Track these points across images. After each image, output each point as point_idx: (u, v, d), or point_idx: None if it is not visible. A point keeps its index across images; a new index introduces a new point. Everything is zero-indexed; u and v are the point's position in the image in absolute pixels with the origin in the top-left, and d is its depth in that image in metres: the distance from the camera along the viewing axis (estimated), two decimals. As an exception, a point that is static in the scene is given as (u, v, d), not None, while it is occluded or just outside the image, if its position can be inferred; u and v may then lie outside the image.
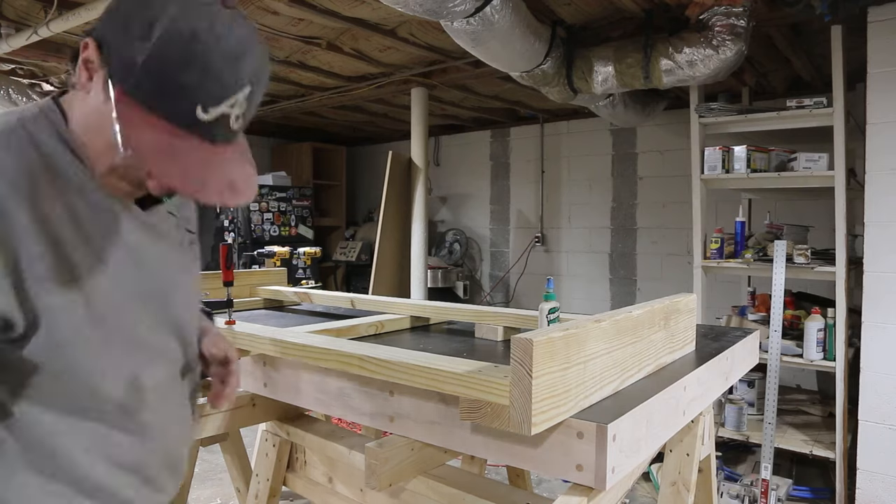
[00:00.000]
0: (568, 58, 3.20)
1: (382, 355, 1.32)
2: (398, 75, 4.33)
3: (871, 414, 2.83)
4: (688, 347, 1.61)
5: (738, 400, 3.31)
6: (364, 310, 2.33)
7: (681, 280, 4.97)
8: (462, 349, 1.73)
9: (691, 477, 1.62)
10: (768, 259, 3.11)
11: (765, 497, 2.91)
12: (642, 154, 5.33)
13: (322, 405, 1.57)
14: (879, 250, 2.79)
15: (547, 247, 5.91)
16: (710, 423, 1.78)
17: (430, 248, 5.96)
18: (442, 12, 2.38)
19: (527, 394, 1.01)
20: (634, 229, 5.39)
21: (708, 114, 3.35)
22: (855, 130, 3.21)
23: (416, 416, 1.35)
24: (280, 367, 1.66)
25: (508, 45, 2.74)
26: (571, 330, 1.10)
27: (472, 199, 6.50)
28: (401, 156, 4.95)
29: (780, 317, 3.02)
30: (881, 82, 2.75)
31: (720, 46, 2.77)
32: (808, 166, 3.06)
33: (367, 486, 1.38)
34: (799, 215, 4.10)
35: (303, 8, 3.07)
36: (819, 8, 2.63)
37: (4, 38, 3.25)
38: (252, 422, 1.88)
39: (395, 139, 6.98)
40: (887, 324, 2.78)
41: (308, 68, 4.20)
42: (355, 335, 1.85)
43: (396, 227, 5.01)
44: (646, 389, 1.27)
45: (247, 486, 2.29)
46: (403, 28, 3.46)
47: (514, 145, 6.17)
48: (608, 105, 3.93)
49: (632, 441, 1.14)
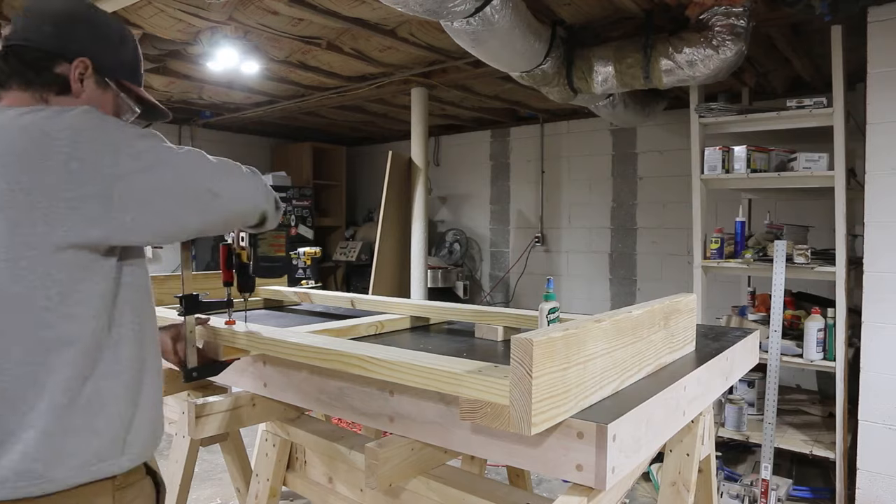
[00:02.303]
0: (568, 58, 3.20)
1: (382, 355, 1.32)
2: (398, 75, 4.33)
3: (871, 414, 2.83)
4: (688, 347, 1.61)
5: (738, 400, 3.31)
6: (364, 310, 2.33)
7: (681, 280, 4.98)
8: (462, 349, 1.73)
9: (691, 477, 1.62)
10: (768, 259, 3.11)
11: (765, 497, 2.91)
12: (642, 154, 5.33)
13: (322, 405, 1.57)
14: (879, 250, 2.79)
15: (547, 247, 5.91)
16: (710, 423, 1.78)
17: (430, 248, 5.96)
18: (442, 12, 2.38)
19: (527, 394, 1.01)
20: (634, 229, 5.39)
21: (708, 114, 3.35)
22: (855, 130, 3.21)
23: (416, 416, 1.35)
24: (280, 367, 1.66)
25: (508, 45, 2.74)
26: (571, 330, 1.10)
27: (472, 199, 6.50)
28: (401, 156, 4.95)
29: (780, 317, 3.02)
30: (881, 82, 2.75)
31: (720, 46, 2.77)
32: (808, 166, 3.06)
33: (367, 486, 1.38)
34: (799, 215, 4.10)
35: (303, 8, 3.07)
36: (819, 8, 2.63)
37: (4, 38, 3.25)
38: (252, 422, 1.88)
39: (395, 139, 6.98)
40: (887, 324, 2.78)
41: (308, 68, 4.20)
42: (355, 335, 1.85)
43: (396, 227, 5.01)
44: (646, 389, 1.27)
45: (247, 486, 2.29)
46: (403, 28, 3.46)
47: (514, 145, 6.17)
48: (608, 105, 3.93)
49: (632, 441, 1.14)
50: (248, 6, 3.11)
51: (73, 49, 1.12)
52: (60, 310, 0.98)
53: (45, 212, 0.95)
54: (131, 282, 1.09)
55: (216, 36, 3.42)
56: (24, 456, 0.95)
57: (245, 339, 1.61)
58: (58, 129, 0.98)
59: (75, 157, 0.96)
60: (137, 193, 1.01)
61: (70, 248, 0.97)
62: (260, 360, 1.72)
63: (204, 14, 3.16)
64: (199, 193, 1.10)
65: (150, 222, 1.04)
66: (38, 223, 0.95)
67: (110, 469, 1.03)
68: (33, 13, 1.14)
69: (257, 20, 3.29)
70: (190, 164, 1.10)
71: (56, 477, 0.97)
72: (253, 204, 1.25)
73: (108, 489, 1.04)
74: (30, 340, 0.97)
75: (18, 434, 0.95)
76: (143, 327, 1.12)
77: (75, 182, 0.96)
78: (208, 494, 3.22)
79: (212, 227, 1.17)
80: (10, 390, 0.96)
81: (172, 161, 1.07)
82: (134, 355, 1.08)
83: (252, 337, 1.60)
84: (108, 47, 1.18)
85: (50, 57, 1.10)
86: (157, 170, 1.04)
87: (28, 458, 0.95)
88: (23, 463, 0.95)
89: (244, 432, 2.45)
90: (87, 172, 0.97)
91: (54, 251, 0.96)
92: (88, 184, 0.97)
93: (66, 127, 0.99)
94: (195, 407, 1.71)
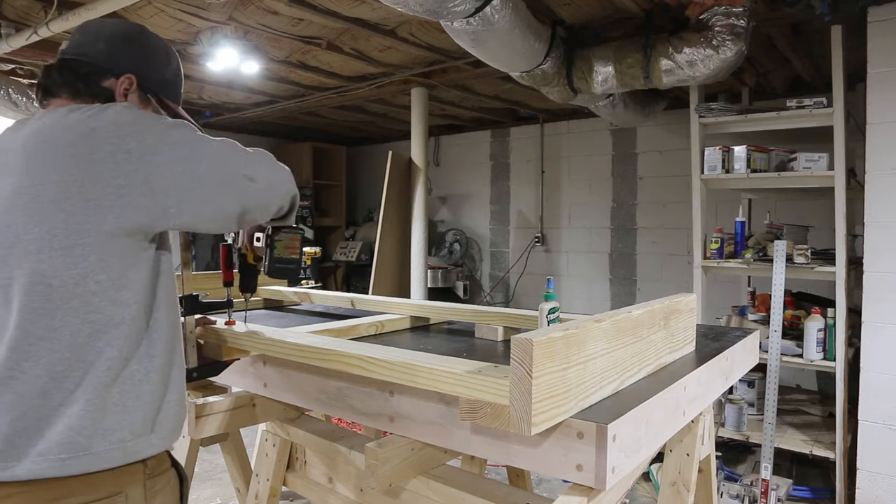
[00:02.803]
0: (568, 58, 3.20)
1: (382, 355, 1.32)
2: (398, 75, 4.33)
3: (871, 414, 2.83)
4: (688, 347, 1.61)
5: (738, 400, 3.31)
6: (364, 310, 2.33)
7: (681, 280, 4.98)
8: (462, 349, 1.73)
9: (691, 477, 1.62)
10: (768, 259, 3.11)
11: (765, 497, 2.91)
12: (642, 154, 5.33)
13: (322, 405, 1.57)
14: (879, 250, 2.79)
15: (547, 247, 5.91)
16: (710, 423, 1.78)
17: (430, 248, 5.96)
18: (442, 12, 2.38)
19: (527, 394, 1.01)
20: (634, 229, 5.39)
21: (708, 114, 3.35)
22: (855, 130, 3.21)
23: (416, 416, 1.35)
24: (280, 367, 1.66)
25: (508, 45, 2.74)
26: (571, 330, 1.10)
27: (472, 199, 6.50)
28: (401, 156, 4.95)
29: (780, 317, 3.02)
30: (881, 82, 2.75)
31: (720, 46, 2.77)
32: (808, 166, 3.06)
33: (367, 486, 1.38)
34: (799, 215, 4.10)
35: (303, 8, 3.07)
36: (819, 8, 2.62)
37: (4, 38, 3.25)
38: (252, 422, 1.88)
39: (395, 139, 6.98)
40: (887, 324, 2.78)
41: (308, 68, 4.20)
42: (355, 335, 1.85)
43: (396, 227, 5.01)
44: (646, 389, 1.27)
45: (247, 486, 2.29)
46: (403, 28, 3.46)
47: (514, 145, 6.17)
48: (608, 105, 3.93)
49: (632, 441, 1.14)
50: (248, 6, 3.11)
51: (122, 67, 1.25)
52: (108, 294, 1.06)
53: (96, 201, 1.03)
54: (166, 270, 1.17)
55: (216, 36, 3.42)
56: (69, 429, 1.02)
57: (245, 340, 1.61)
58: (103, 124, 1.07)
59: (122, 148, 1.05)
60: (178, 180, 1.09)
61: (120, 234, 1.05)
62: (260, 360, 1.72)
63: (204, 14, 3.16)
64: (236, 178, 1.19)
65: (192, 207, 1.12)
66: (91, 212, 1.03)
67: (143, 447, 1.10)
68: (90, 32, 1.27)
69: (257, 20, 3.29)
70: (225, 151, 1.19)
71: (97, 450, 1.04)
72: (286, 189, 1.35)
73: (140, 477, 1.11)
74: (79, 322, 1.04)
75: (64, 410, 1.03)
76: (174, 314, 1.20)
77: (122, 171, 1.04)
78: (208, 494, 3.22)
79: (249, 212, 1.24)
80: (59, 369, 1.03)
81: (208, 148, 1.15)
82: (166, 340, 1.15)
83: (252, 337, 1.60)
84: (154, 67, 1.31)
85: (100, 71, 1.23)
86: (194, 157, 1.12)
87: (73, 430, 1.02)
88: (67, 436, 1.02)
89: (244, 432, 2.45)
90: (132, 162, 1.05)
91: (106, 238, 1.04)
92: (133, 173, 1.05)
93: (111, 122, 1.07)
94: (195, 407, 1.71)
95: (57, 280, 1.02)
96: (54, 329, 1.03)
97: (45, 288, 1.02)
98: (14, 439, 1.01)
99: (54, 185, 1.02)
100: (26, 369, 1.02)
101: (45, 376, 1.02)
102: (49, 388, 1.03)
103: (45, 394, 1.02)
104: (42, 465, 1.00)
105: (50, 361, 1.03)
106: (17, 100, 4.14)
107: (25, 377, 1.02)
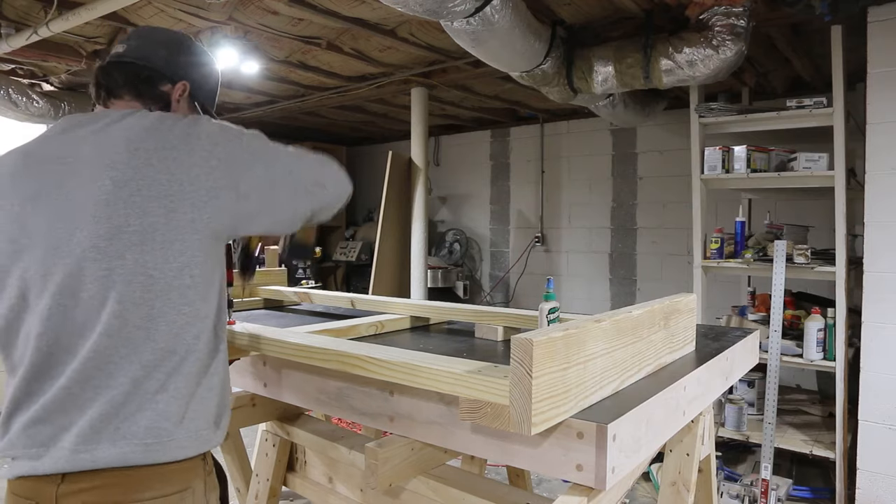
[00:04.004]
0: (568, 58, 3.20)
1: (382, 355, 1.32)
2: (398, 75, 4.33)
3: (871, 414, 2.83)
4: (688, 347, 1.61)
5: (738, 400, 3.31)
6: (364, 310, 2.33)
7: (681, 280, 4.97)
8: (462, 349, 1.73)
9: (691, 477, 1.62)
10: (768, 259, 3.11)
11: (765, 497, 2.92)
12: (642, 154, 5.33)
13: (322, 405, 1.57)
14: (879, 250, 2.79)
15: (547, 247, 5.91)
16: (710, 423, 1.78)
17: (430, 248, 5.96)
18: (442, 12, 2.38)
19: (527, 394, 1.01)
20: (634, 229, 5.39)
21: (708, 114, 3.35)
22: (855, 130, 3.21)
23: (416, 416, 1.35)
24: (280, 367, 1.66)
25: (508, 45, 2.74)
26: (571, 330, 1.10)
27: (472, 199, 6.50)
28: (401, 156, 4.95)
29: (780, 317, 3.02)
30: (881, 82, 2.75)
31: (720, 46, 2.77)
32: (808, 166, 3.06)
33: (367, 486, 1.38)
34: (799, 215, 4.10)
35: (303, 8, 3.07)
36: (819, 8, 2.62)
37: (4, 38, 3.25)
38: (252, 422, 1.88)
39: (395, 139, 6.98)
40: (887, 324, 2.78)
41: (308, 68, 4.20)
42: (355, 335, 1.85)
43: (396, 227, 5.01)
44: (646, 389, 1.27)
45: (247, 486, 2.28)
46: (403, 28, 3.46)
47: (514, 145, 6.17)
48: (608, 105, 3.93)
49: (632, 441, 1.14)
50: (248, 6, 3.11)
51: (178, 73, 1.34)
52: (200, 290, 1.12)
53: (192, 201, 1.09)
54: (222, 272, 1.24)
55: (216, 36, 3.42)
56: (158, 415, 1.08)
57: (245, 339, 1.61)
58: (198, 133, 1.15)
59: (214, 155, 1.13)
60: (258, 186, 1.16)
61: (209, 234, 1.12)
62: (260, 360, 1.72)
63: (204, 14, 3.16)
64: (310, 185, 1.27)
65: (272, 213, 1.21)
66: (188, 210, 1.09)
67: (210, 440, 1.16)
68: (149, 38, 1.36)
69: (257, 20, 3.29)
70: (297, 159, 1.27)
71: (179, 437, 1.10)
72: (347, 191, 1.44)
73: (201, 473, 1.15)
74: (175, 314, 1.09)
75: (156, 397, 1.08)
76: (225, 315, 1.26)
77: (213, 176, 1.11)
78: (208, 494, 3.21)
79: (318, 214, 1.32)
80: (152, 357, 1.08)
81: (284, 157, 1.24)
82: (224, 338, 1.23)
83: (252, 337, 1.60)
84: (202, 76, 1.41)
85: (158, 77, 1.31)
86: (271, 165, 1.20)
87: (161, 416, 1.08)
88: (155, 421, 1.08)
89: (244, 432, 2.45)
90: (221, 169, 1.12)
91: (199, 236, 1.11)
92: (222, 178, 1.12)
93: (204, 132, 1.15)
94: (195, 407, 1.70)
95: (158, 272, 1.07)
96: (152, 318, 1.07)
97: (147, 279, 1.07)
98: (101, 424, 1.05)
99: (157, 181, 1.08)
100: (123, 356, 1.06)
101: (138, 364, 1.07)
102: (141, 376, 1.07)
103: (137, 381, 1.07)
104: (125, 448, 1.05)
105: (145, 350, 1.07)
106: (17, 100, 4.14)
107: (122, 363, 1.06)
